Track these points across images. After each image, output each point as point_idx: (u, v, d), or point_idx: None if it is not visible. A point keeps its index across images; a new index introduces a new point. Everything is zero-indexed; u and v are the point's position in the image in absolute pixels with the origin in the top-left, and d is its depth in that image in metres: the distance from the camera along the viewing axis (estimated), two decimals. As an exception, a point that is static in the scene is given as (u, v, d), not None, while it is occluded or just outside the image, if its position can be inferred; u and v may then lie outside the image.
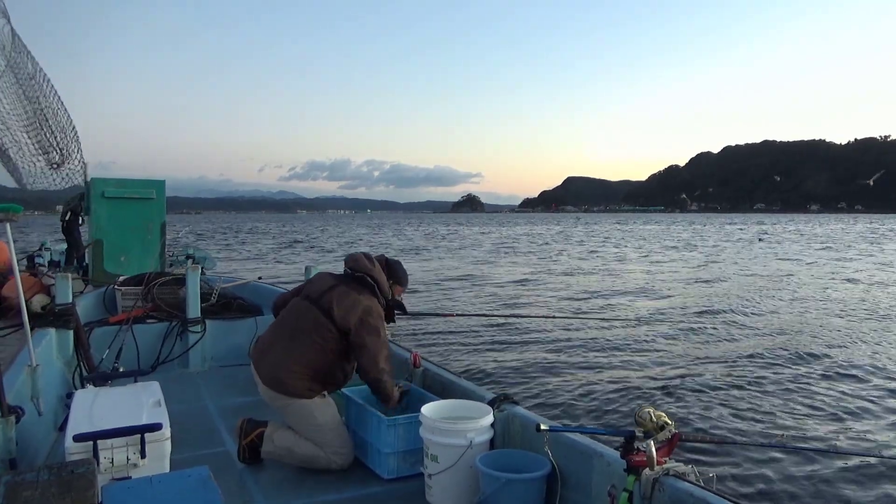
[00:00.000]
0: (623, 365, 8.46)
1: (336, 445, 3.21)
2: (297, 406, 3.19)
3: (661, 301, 14.99)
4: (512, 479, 2.53)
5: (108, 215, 7.27)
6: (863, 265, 24.94)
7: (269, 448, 3.23)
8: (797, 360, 8.82)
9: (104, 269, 6.92)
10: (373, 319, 3.22)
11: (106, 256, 7.18)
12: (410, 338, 9.44)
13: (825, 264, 25.27)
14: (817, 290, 16.78)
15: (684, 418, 6.19)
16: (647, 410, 2.18)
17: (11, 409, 2.68)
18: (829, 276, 20.75)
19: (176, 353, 5.02)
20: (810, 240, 46.13)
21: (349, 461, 3.24)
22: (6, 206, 2.94)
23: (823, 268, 23.47)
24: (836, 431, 6.04)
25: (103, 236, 7.23)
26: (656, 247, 38.21)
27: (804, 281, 19.17)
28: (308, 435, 3.21)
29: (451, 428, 2.81)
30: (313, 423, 3.19)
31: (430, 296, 15.62)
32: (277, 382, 3.18)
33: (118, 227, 7.25)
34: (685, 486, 2.05)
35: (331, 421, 3.25)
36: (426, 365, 3.78)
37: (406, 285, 3.56)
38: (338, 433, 3.25)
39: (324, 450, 3.19)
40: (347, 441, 3.28)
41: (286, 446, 3.21)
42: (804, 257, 28.80)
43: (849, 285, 18.20)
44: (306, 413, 3.20)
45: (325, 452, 3.19)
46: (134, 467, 2.42)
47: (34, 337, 3.57)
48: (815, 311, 13.23)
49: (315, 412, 3.20)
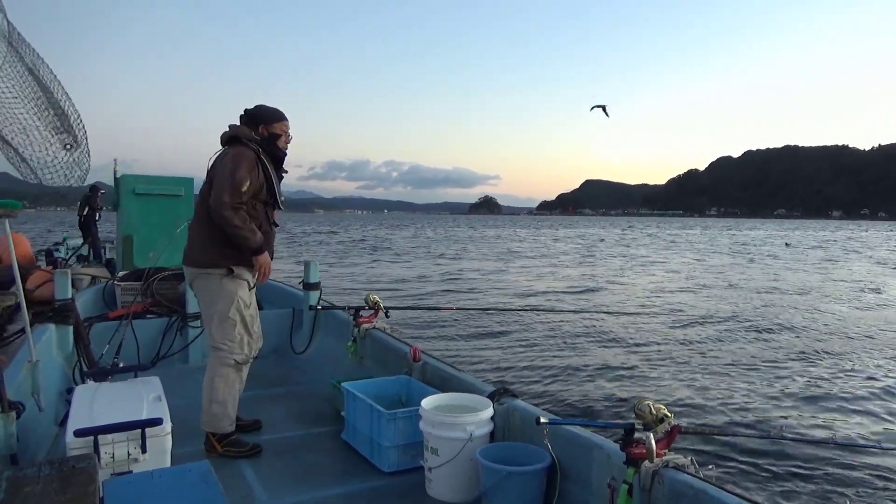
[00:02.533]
0: (623, 358, 8.48)
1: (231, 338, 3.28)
2: (202, 279, 3.31)
3: (667, 297, 15.01)
4: (512, 472, 2.54)
5: (138, 211, 7.37)
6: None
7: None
8: (799, 355, 8.84)
9: (134, 265, 6.96)
10: (227, 159, 3.24)
11: (136, 252, 7.25)
12: (410, 332, 9.46)
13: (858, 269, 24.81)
14: (832, 293, 16.75)
15: (684, 411, 6.21)
16: (647, 403, 2.18)
17: (12, 405, 2.68)
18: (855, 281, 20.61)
19: (176, 349, 5.02)
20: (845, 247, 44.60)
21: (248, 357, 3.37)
22: (5, 203, 2.94)
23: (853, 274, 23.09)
24: (836, 423, 6.06)
25: (133, 232, 7.31)
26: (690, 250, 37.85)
27: (818, 285, 19.11)
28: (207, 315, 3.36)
29: (451, 421, 2.81)
30: (215, 301, 3.31)
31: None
32: (187, 258, 3.36)
33: (147, 223, 7.34)
34: (685, 477, 2.05)
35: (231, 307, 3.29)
36: (426, 359, 3.78)
37: (276, 118, 3.43)
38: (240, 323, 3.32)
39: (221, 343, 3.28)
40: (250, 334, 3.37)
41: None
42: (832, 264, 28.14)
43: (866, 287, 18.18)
44: (212, 288, 3.29)
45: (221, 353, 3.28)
46: (135, 462, 2.43)
47: (34, 333, 3.58)
48: (824, 310, 13.22)
49: (220, 290, 3.29)
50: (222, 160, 3.27)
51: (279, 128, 3.43)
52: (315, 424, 3.81)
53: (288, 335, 5.35)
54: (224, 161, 3.24)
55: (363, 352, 4.42)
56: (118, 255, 7.68)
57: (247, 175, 3.19)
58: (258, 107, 3.46)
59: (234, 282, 3.31)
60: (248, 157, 3.23)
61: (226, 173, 3.17)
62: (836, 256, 32.81)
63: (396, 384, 3.65)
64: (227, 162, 3.21)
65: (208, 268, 3.28)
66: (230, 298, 3.30)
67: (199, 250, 3.32)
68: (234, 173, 3.16)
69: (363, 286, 16.39)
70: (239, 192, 3.16)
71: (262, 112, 3.44)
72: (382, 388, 3.58)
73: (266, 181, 3.31)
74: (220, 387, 3.29)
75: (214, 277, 3.29)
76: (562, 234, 64.05)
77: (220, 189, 3.15)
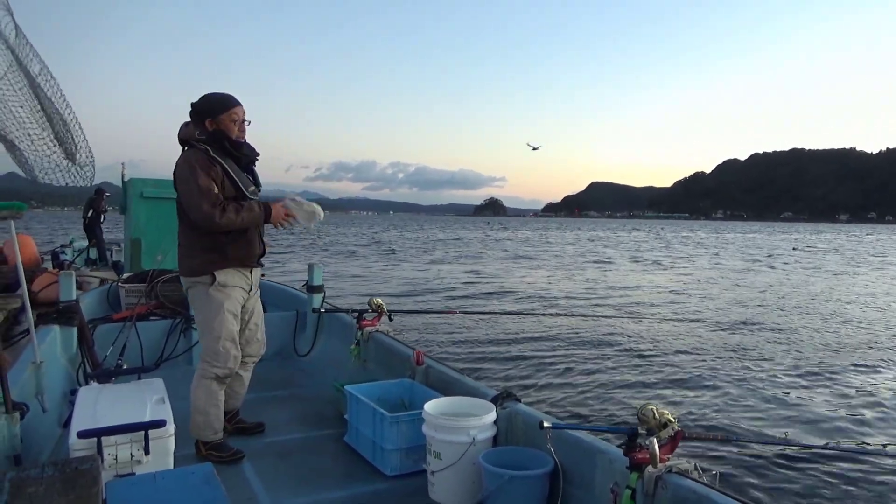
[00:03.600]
0: (626, 362, 8.46)
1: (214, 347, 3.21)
2: (193, 289, 3.26)
3: (671, 302, 14.97)
4: (515, 476, 2.53)
5: (145, 215, 7.42)
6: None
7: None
8: (804, 361, 8.80)
9: (142, 268, 7.00)
10: (178, 171, 3.14)
11: (144, 255, 7.29)
12: (414, 335, 9.45)
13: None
14: (838, 297, 16.68)
15: (688, 416, 6.19)
16: (651, 408, 2.17)
17: (16, 406, 2.69)
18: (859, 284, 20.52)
19: (180, 351, 5.03)
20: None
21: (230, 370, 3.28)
22: (10, 204, 2.95)
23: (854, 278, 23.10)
24: (841, 429, 6.03)
25: (141, 235, 7.36)
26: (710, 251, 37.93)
27: (823, 288, 19.04)
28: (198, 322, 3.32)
29: (453, 425, 2.80)
30: (200, 311, 3.27)
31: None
32: (180, 268, 3.31)
33: (155, 226, 7.38)
34: (688, 483, 2.04)
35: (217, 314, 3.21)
36: (429, 362, 3.78)
37: (222, 109, 3.19)
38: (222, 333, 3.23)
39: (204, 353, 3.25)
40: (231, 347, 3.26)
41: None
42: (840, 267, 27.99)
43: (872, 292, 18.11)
44: (200, 298, 3.24)
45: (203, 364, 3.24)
46: (138, 464, 2.43)
47: (38, 334, 3.59)
48: (830, 316, 13.16)
49: (207, 300, 3.22)
50: (177, 171, 3.16)
51: (227, 118, 3.20)
52: (318, 427, 3.81)
53: (291, 338, 5.35)
54: (180, 172, 3.13)
55: (366, 355, 4.42)
56: (126, 258, 7.72)
57: (208, 178, 3.09)
58: (203, 98, 3.23)
59: (221, 292, 3.22)
60: (199, 161, 3.10)
61: (191, 186, 3.07)
62: (853, 261, 32.61)
63: (399, 387, 3.64)
64: (184, 172, 3.10)
65: (194, 276, 3.23)
66: (216, 310, 3.22)
67: (185, 258, 3.28)
68: (197, 182, 3.06)
69: (364, 288, 16.42)
70: (212, 195, 3.08)
71: (207, 104, 3.21)
72: (385, 391, 3.58)
73: (227, 177, 3.17)
74: (202, 397, 3.26)
75: (201, 287, 3.23)
76: (573, 236, 64.01)
77: (196, 203, 3.06)
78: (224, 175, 3.16)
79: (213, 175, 3.10)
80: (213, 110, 3.19)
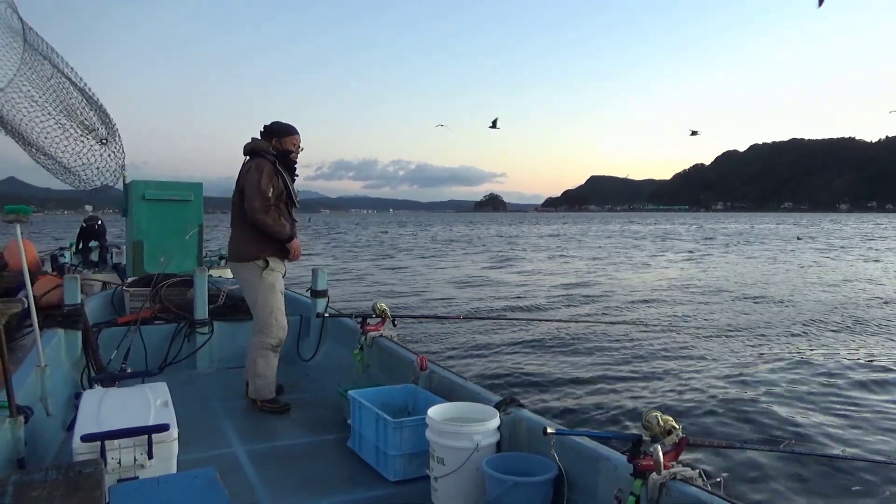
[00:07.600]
0: (630, 369, 8.43)
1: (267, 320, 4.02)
2: (246, 272, 4.02)
3: (676, 305, 14.91)
4: (518, 483, 2.52)
5: (148, 217, 7.41)
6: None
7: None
8: (808, 365, 8.75)
9: (144, 271, 7.01)
10: (252, 172, 3.90)
11: (146, 257, 7.30)
12: (417, 341, 9.44)
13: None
14: (842, 290, 16.58)
15: (692, 422, 6.16)
16: (655, 414, 2.16)
17: (20, 410, 2.70)
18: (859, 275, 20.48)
19: (184, 355, 5.04)
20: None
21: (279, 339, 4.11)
22: (17, 208, 2.97)
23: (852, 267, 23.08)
24: (847, 437, 5.99)
25: (143, 237, 7.36)
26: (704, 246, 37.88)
27: (828, 280, 18.93)
28: (249, 300, 4.10)
29: (457, 430, 2.80)
30: (255, 290, 4.02)
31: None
32: (231, 255, 4.10)
33: (158, 228, 7.38)
34: (693, 490, 2.03)
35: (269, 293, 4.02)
36: (433, 368, 3.77)
37: (287, 133, 4.10)
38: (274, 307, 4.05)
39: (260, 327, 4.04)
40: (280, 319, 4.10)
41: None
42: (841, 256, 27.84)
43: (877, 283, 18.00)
44: (253, 279, 4.00)
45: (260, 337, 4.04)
46: (141, 468, 2.43)
47: (43, 338, 3.60)
48: (836, 315, 13.05)
49: (260, 281, 4.00)
50: (248, 172, 3.93)
51: (290, 142, 4.12)
52: (321, 432, 3.81)
53: (295, 342, 5.35)
54: (250, 173, 3.90)
55: (370, 360, 4.41)
56: (128, 261, 7.73)
57: (269, 183, 3.88)
58: (274, 123, 4.14)
59: (272, 274, 4.02)
60: (267, 168, 3.91)
61: (254, 184, 3.85)
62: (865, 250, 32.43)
63: (403, 393, 3.64)
64: (253, 174, 3.88)
65: (249, 261, 3.99)
66: (269, 289, 4.00)
67: (240, 247, 4.03)
68: (260, 183, 3.85)
69: (366, 290, 16.41)
70: (266, 197, 3.87)
71: (277, 128, 4.12)
72: (389, 396, 3.57)
73: (285, 187, 4.01)
74: (262, 364, 4.05)
75: (256, 270, 3.99)
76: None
77: (252, 198, 3.85)
78: (283, 184, 4.00)
79: (274, 183, 3.92)
80: (280, 133, 4.11)
